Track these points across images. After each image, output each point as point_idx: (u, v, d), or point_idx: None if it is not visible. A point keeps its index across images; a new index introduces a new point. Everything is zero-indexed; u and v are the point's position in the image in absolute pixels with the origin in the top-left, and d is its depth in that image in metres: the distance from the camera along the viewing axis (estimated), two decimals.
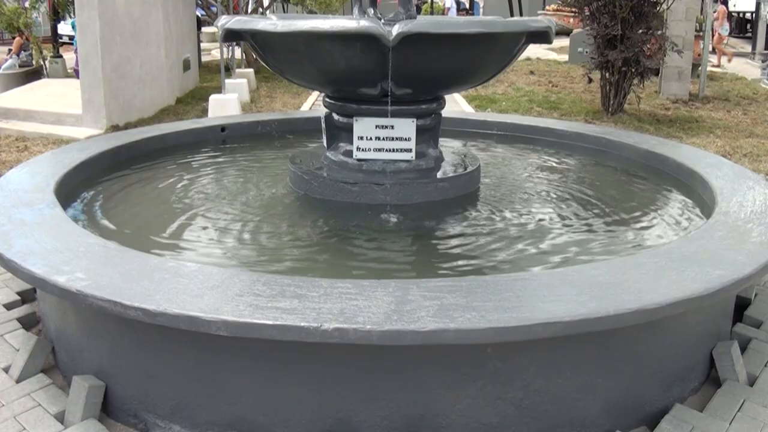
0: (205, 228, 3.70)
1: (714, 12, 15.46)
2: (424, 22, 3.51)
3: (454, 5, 29.10)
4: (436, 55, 3.60)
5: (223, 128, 5.78)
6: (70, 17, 15.83)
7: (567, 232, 3.68)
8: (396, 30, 3.31)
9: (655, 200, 4.34)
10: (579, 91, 12.35)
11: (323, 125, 4.25)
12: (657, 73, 11.69)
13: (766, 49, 20.17)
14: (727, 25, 19.94)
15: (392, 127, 3.93)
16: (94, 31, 8.96)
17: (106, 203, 4.08)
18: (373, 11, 4.17)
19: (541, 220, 3.87)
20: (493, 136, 5.96)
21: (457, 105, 10.43)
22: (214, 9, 16.14)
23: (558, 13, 25.35)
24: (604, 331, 2.42)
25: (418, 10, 34.23)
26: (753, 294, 3.66)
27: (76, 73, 12.26)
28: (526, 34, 3.81)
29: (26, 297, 3.64)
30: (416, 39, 3.35)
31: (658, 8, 9.93)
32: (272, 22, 3.64)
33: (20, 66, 15.15)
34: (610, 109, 10.09)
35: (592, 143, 5.45)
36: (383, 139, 3.95)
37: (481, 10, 39.38)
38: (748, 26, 28.97)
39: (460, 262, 3.25)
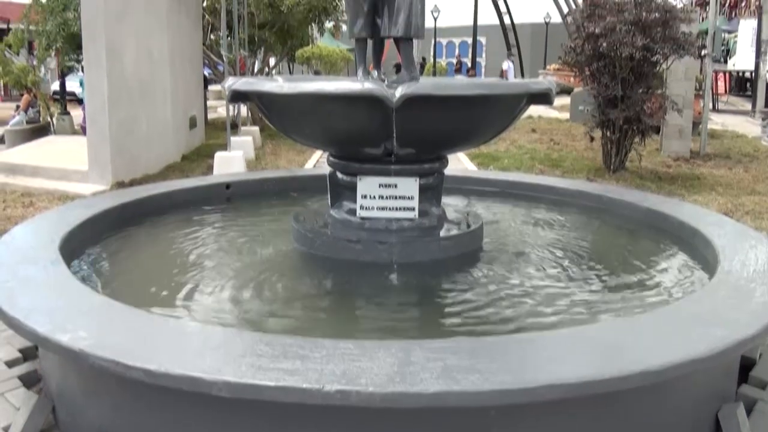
0: (207, 286, 3.70)
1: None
2: (426, 85, 3.58)
3: (511, 67, 29.14)
4: (438, 116, 3.66)
5: (227, 186, 5.82)
6: (81, 72, 16.13)
7: (570, 291, 3.68)
8: (399, 92, 3.37)
9: (657, 259, 4.34)
10: (581, 149, 12.46)
11: (327, 183, 4.30)
12: (658, 131, 11.80)
13: (766, 106, 20.39)
14: None
15: (395, 185, 3.97)
16: (102, 90, 9.12)
17: (110, 260, 4.09)
18: (377, 73, 4.26)
19: (544, 279, 3.87)
20: (495, 194, 5.99)
21: (459, 162, 10.52)
22: (221, 68, 16.43)
23: (559, 72, 25.81)
24: (609, 392, 2.40)
25: (421, 69, 34.82)
26: (758, 354, 3.63)
27: (83, 130, 12.44)
28: (527, 95, 3.88)
29: (28, 354, 3.62)
30: (419, 101, 3.41)
31: (657, 68, 10.09)
32: (278, 84, 3.71)
33: (28, 122, 15.40)
34: (611, 167, 10.17)
35: (593, 201, 5.48)
36: (386, 197, 3.98)
37: (483, 69, 40.12)
38: (748, 85, 29.37)
39: (464, 322, 3.24)
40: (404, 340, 2.62)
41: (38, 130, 14.72)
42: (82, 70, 13.96)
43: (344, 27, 16.18)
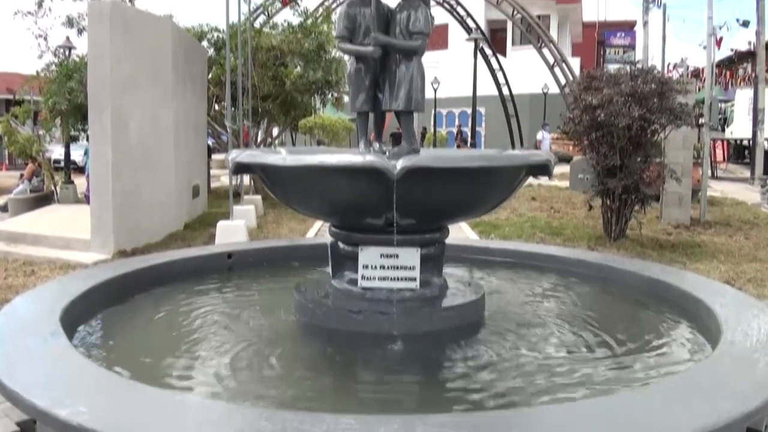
0: (208, 358, 3.68)
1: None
2: (427, 157, 3.65)
3: (547, 137, 29.40)
4: (439, 188, 3.70)
5: (229, 255, 5.84)
6: (86, 141, 16.38)
7: (573, 363, 3.65)
8: (400, 164, 3.43)
9: (660, 329, 4.32)
10: (581, 216, 12.52)
11: (329, 253, 4.32)
12: (657, 199, 11.88)
13: (764, 174, 20.58)
14: None
15: (397, 256, 3.99)
16: (107, 160, 9.23)
17: (111, 332, 4.08)
18: (378, 145, 4.33)
19: (546, 351, 3.84)
20: (496, 263, 6.00)
21: (461, 231, 10.55)
22: (224, 138, 16.69)
23: (558, 141, 26.15)
24: None
25: (421, 139, 35.25)
26: (763, 425, 3.58)
27: (86, 199, 12.54)
28: (527, 167, 3.93)
29: (26, 428, 3.56)
30: (420, 173, 3.46)
31: (655, 138, 10.22)
32: (281, 157, 3.78)
33: (31, 191, 15.54)
34: (612, 235, 10.19)
35: (595, 270, 5.48)
36: (388, 267, 3.99)
37: (483, 139, 40.63)
38: (746, 152, 29.71)
39: (465, 396, 3.20)
40: (406, 414, 2.59)
41: (42, 199, 14.85)
42: (87, 140, 14.20)
43: (346, 98, 16.50)
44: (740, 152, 32.42)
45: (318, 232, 10.80)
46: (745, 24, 26.78)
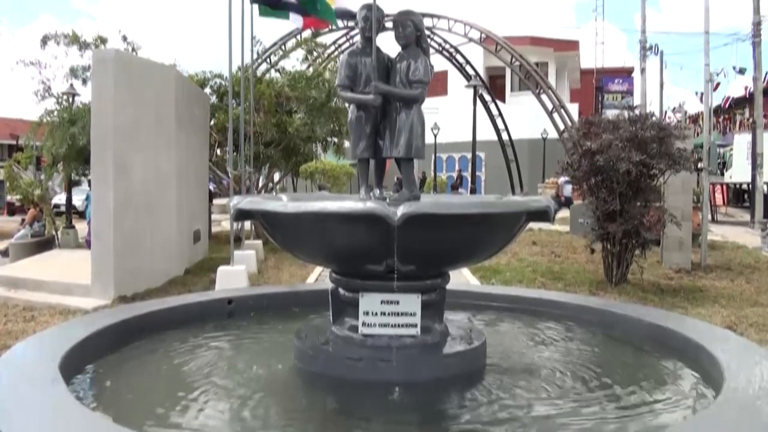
0: (207, 406, 3.65)
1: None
2: (427, 204, 3.66)
3: (567, 185, 29.37)
4: (439, 234, 3.72)
5: (229, 301, 5.82)
6: (87, 185, 16.47)
7: (575, 413, 3.61)
8: (400, 211, 3.45)
9: (662, 377, 4.28)
10: (582, 261, 12.52)
11: (329, 300, 4.31)
12: (658, 243, 11.89)
13: (764, 217, 20.63)
14: None
15: (397, 302, 3.98)
16: (109, 205, 9.29)
17: (110, 379, 4.05)
18: (378, 191, 4.35)
19: (549, 400, 3.80)
20: (497, 309, 5.97)
21: (461, 276, 10.54)
22: (225, 183, 16.77)
23: (555, 185, 26.26)
24: None
25: (422, 184, 35.39)
26: None
27: (87, 244, 12.57)
28: (527, 213, 3.95)
29: None
30: (420, 219, 3.48)
31: (655, 182, 10.27)
32: (282, 203, 3.80)
33: (32, 236, 15.57)
34: (613, 280, 10.18)
35: (596, 316, 5.45)
36: (388, 314, 3.99)
37: (483, 183, 40.83)
38: (746, 196, 29.83)
39: None
40: None
41: (43, 244, 14.88)
42: (89, 185, 14.28)
43: (347, 143, 16.64)
44: (740, 196, 32.58)
45: (318, 277, 10.79)
46: (742, 71, 27.17)
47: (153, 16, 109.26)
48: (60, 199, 21.25)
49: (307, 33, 19.97)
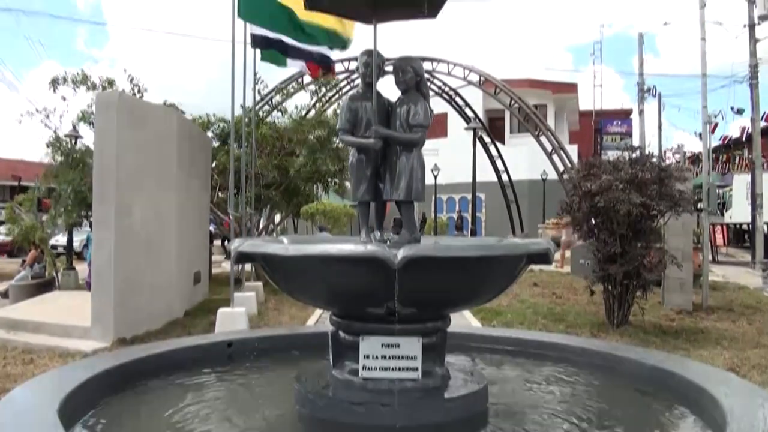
0: None
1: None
2: (427, 246, 3.68)
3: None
4: (440, 277, 3.72)
5: (229, 344, 5.80)
6: (88, 227, 16.49)
7: None
8: (401, 254, 3.46)
9: (665, 420, 4.26)
10: (583, 302, 12.47)
11: (330, 343, 4.29)
12: (659, 284, 11.86)
13: (765, 257, 20.60)
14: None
15: (398, 345, 3.97)
16: (109, 248, 9.29)
17: (109, 424, 4.01)
18: (379, 234, 4.37)
19: None
20: (499, 351, 5.94)
21: (462, 318, 10.49)
22: (226, 224, 16.79)
23: (558, 226, 26.29)
24: None
25: (422, 225, 35.41)
26: None
27: (87, 286, 12.55)
28: (527, 256, 3.96)
29: None
30: (421, 262, 3.49)
31: (655, 223, 10.28)
32: (283, 246, 3.82)
33: (33, 278, 15.54)
34: (615, 322, 10.12)
35: (598, 359, 5.42)
36: (389, 357, 3.97)
37: (483, 224, 40.89)
38: (746, 236, 29.85)
39: None
40: None
41: (43, 285, 14.84)
42: (90, 226, 14.31)
43: (347, 184, 16.72)
44: (740, 236, 32.59)
45: (318, 319, 10.74)
46: (740, 112, 27.42)
47: (157, 58, 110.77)
48: (57, 240, 21.25)
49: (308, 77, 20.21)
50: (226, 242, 22.64)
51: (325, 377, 4.32)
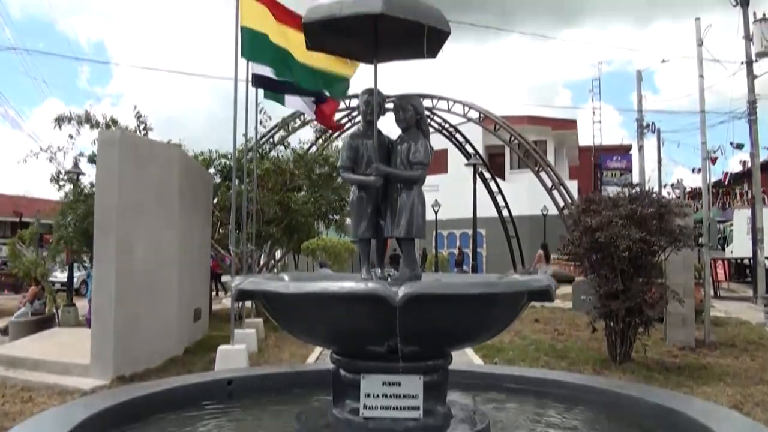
0: None
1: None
2: (428, 284, 3.68)
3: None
4: (441, 314, 3.72)
5: (229, 382, 5.75)
6: (88, 264, 16.47)
7: None
8: (402, 291, 3.47)
9: None
10: (585, 338, 12.39)
11: (331, 381, 4.27)
12: (661, 320, 11.80)
13: (767, 292, 20.51)
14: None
15: (399, 384, 3.95)
16: (110, 285, 9.29)
17: None
18: (380, 271, 4.38)
19: None
20: (501, 389, 5.89)
21: (464, 355, 10.44)
22: (227, 261, 16.80)
23: (559, 261, 26.27)
24: None
25: (422, 261, 35.34)
26: None
27: (87, 322, 12.51)
28: (528, 293, 3.96)
29: None
30: (422, 300, 3.49)
31: (656, 259, 10.27)
32: (284, 284, 3.82)
33: (33, 314, 15.48)
34: (617, 358, 10.05)
35: (601, 396, 5.38)
36: (390, 396, 3.94)
37: (484, 260, 40.83)
38: (747, 271, 29.77)
39: None
40: None
41: (43, 322, 14.76)
42: (91, 262, 14.30)
43: (347, 220, 16.76)
44: (741, 271, 32.50)
45: (319, 357, 10.68)
46: (739, 147, 27.57)
47: (160, 95, 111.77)
48: (56, 276, 21.23)
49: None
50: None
51: (326, 416, 4.29)
